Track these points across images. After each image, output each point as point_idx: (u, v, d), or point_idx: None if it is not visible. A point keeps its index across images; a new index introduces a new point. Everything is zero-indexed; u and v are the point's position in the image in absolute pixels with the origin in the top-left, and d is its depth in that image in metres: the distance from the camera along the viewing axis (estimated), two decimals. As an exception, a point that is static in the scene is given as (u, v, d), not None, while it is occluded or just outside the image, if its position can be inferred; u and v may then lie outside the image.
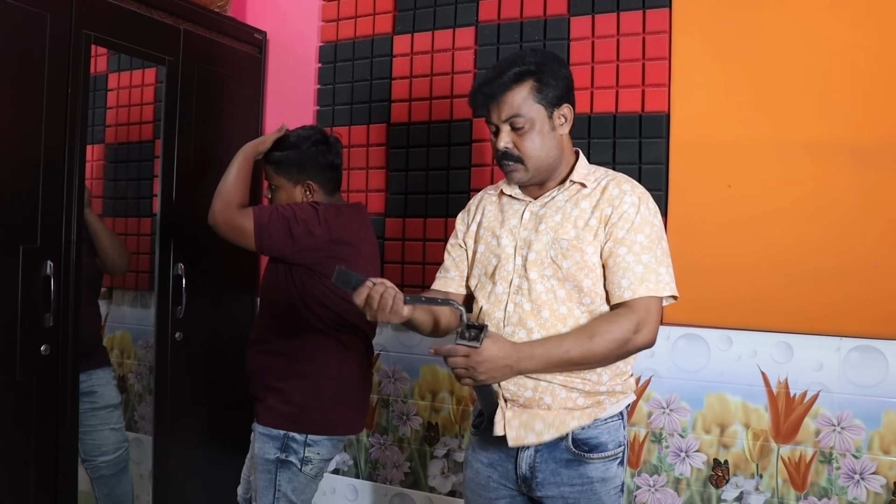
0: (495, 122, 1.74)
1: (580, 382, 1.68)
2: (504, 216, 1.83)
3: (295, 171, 2.29)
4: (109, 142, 3.08)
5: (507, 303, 1.72)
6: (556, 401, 1.68)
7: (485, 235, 1.83)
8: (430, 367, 2.85)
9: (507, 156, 1.73)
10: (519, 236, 1.76)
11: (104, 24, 2.40)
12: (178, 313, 2.72)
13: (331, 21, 3.06)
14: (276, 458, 2.22)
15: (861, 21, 2.25)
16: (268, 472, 2.22)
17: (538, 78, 1.71)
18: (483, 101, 1.74)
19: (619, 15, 2.53)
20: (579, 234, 1.69)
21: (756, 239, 2.34)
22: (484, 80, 1.74)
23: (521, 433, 1.70)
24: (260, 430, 2.25)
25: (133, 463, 2.84)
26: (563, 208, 1.74)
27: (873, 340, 2.25)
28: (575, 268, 1.67)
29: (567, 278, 1.68)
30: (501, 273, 1.75)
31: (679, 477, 2.48)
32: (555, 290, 1.69)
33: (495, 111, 1.72)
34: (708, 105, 2.41)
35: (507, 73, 1.71)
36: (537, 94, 1.71)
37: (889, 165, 2.20)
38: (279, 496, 2.21)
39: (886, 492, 2.24)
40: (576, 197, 1.75)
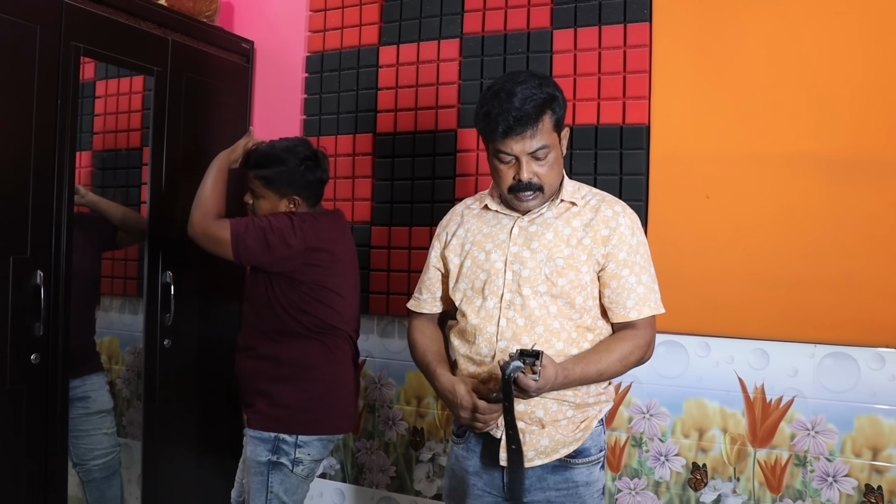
0: (516, 154, 1.70)
1: (571, 395, 1.73)
2: (492, 230, 1.83)
3: (284, 187, 2.35)
4: (97, 149, 3.08)
5: (500, 318, 1.74)
6: (547, 414, 1.72)
7: (472, 250, 1.83)
8: (415, 372, 2.88)
9: (530, 186, 1.72)
10: (509, 251, 1.77)
11: (93, 36, 2.42)
12: (167, 320, 2.74)
13: (318, 31, 3.10)
14: (267, 460, 2.27)
15: (835, 38, 2.31)
16: (260, 475, 2.27)
17: (553, 106, 1.72)
18: (507, 134, 1.68)
19: (601, 28, 2.58)
20: (573, 253, 1.73)
21: (733, 248, 2.40)
22: (505, 110, 1.67)
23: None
24: (251, 433, 2.30)
25: (122, 468, 2.86)
26: (553, 225, 1.77)
27: (846, 347, 2.31)
28: (569, 286, 1.72)
29: (560, 295, 1.72)
30: (491, 288, 1.76)
31: (659, 480, 2.53)
32: (547, 306, 1.72)
33: (520, 143, 1.68)
34: (687, 118, 2.47)
35: (533, 102, 1.67)
36: (553, 121, 1.72)
37: (861, 177, 2.27)
38: (271, 497, 2.26)
39: (858, 494, 2.31)
40: (565, 215, 1.78)
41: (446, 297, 1.92)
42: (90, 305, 2.85)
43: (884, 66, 2.26)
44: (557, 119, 1.74)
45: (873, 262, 2.25)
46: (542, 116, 1.69)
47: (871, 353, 2.29)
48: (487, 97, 1.73)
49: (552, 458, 1.74)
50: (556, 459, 1.75)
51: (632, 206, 1.87)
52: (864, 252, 2.26)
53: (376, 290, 2.91)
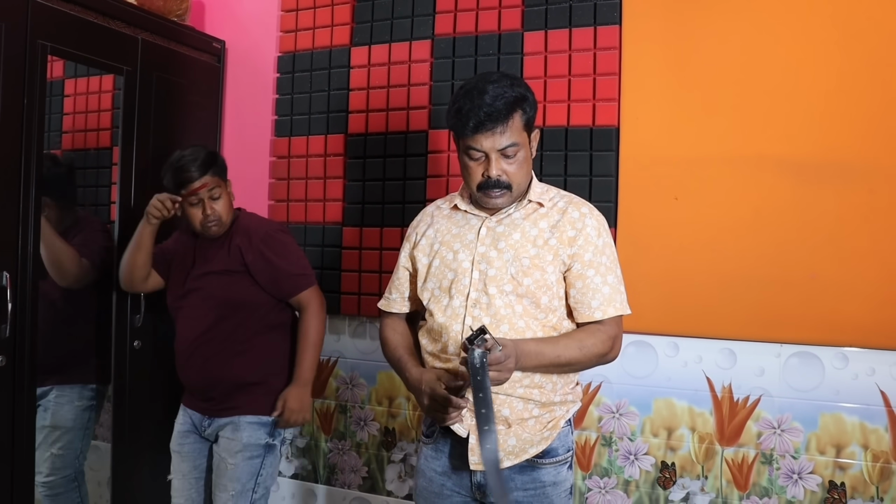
0: (486, 150, 1.71)
1: (537, 393, 1.74)
2: (460, 230, 1.85)
3: (226, 169, 2.47)
4: (66, 148, 3.05)
5: (465, 316, 1.75)
6: (513, 412, 1.73)
7: (440, 250, 1.85)
8: (386, 373, 2.89)
9: (498, 183, 1.73)
10: (476, 251, 1.78)
11: (61, 34, 2.40)
12: (137, 322, 2.73)
13: (289, 32, 3.09)
14: (265, 443, 2.38)
15: (803, 43, 2.34)
16: (255, 458, 2.35)
17: (524, 105, 1.74)
18: (478, 129, 1.69)
19: (572, 31, 2.60)
20: (539, 253, 1.74)
21: (702, 250, 2.42)
22: (476, 106, 1.68)
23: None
24: (248, 420, 2.36)
25: (91, 470, 2.82)
26: (521, 226, 1.78)
27: (811, 347, 2.35)
28: (535, 285, 1.73)
29: (525, 295, 1.73)
30: (458, 287, 1.78)
31: (628, 479, 2.56)
32: (513, 305, 1.73)
33: (489, 140, 1.70)
34: (656, 120, 2.49)
35: (503, 99, 1.69)
36: (524, 120, 1.74)
37: (827, 180, 2.30)
38: (258, 484, 2.37)
39: (822, 490, 2.34)
40: (533, 216, 1.80)
41: (415, 296, 1.93)
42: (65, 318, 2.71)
43: (850, 70, 2.30)
44: (528, 119, 1.75)
45: (838, 264, 2.29)
46: (512, 114, 1.71)
47: (835, 352, 2.33)
48: (460, 95, 1.74)
49: (521, 458, 1.76)
50: (525, 460, 1.76)
51: (601, 208, 1.88)
52: (829, 253, 2.30)
53: (347, 290, 2.91)
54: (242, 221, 2.45)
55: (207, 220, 2.35)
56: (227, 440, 2.36)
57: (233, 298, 2.37)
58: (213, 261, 2.39)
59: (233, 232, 2.41)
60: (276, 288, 2.40)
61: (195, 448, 2.45)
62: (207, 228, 2.37)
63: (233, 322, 2.37)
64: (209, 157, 2.38)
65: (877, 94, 2.27)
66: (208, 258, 2.40)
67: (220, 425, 2.38)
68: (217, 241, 2.41)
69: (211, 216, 2.35)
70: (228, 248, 2.38)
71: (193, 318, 2.39)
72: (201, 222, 2.36)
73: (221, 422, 2.38)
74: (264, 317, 2.41)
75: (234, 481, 2.33)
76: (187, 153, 2.37)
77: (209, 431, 2.41)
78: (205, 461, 2.46)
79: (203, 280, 2.39)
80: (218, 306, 2.37)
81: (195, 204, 2.35)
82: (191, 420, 2.45)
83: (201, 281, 2.39)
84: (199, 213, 2.36)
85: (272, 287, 2.39)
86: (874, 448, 2.30)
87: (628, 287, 1.85)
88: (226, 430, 2.38)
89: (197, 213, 2.36)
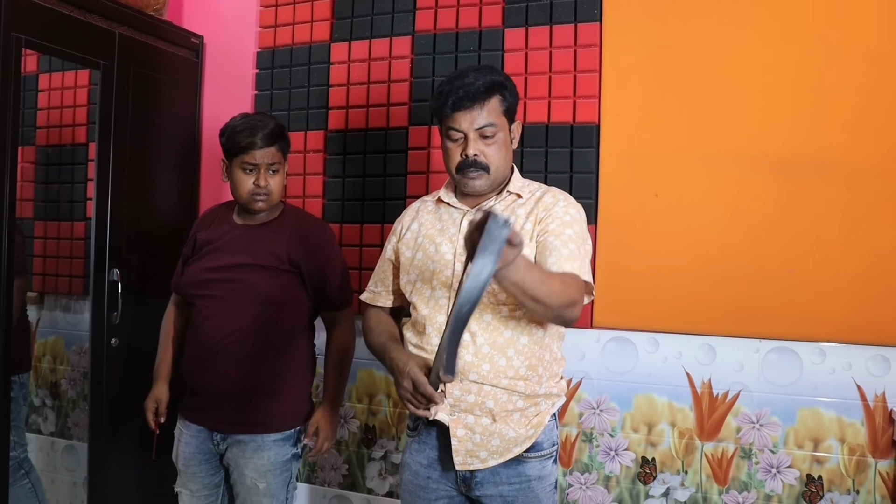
0: (464, 130, 1.75)
1: (522, 385, 1.74)
2: (442, 224, 1.87)
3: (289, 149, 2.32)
4: (41, 143, 3.02)
5: (449, 307, 1.76)
6: (497, 404, 1.73)
7: (423, 243, 1.86)
8: (367, 370, 2.88)
9: (475, 163, 1.75)
10: (458, 243, 1.79)
11: (36, 28, 2.36)
12: (114, 319, 2.69)
13: (268, 27, 3.07)
14: (292, 455, 2.24)
15: (781, 41, 2.37)
16: (285, 472, 2.21)
17: (503, 92, 1.78)
18: (456, 107, 1.74)
19: (552, 28, 2.60)
20: None
21: (681, 246, 2.44)
22: (456, 86, 1.74)
23: (468, 460, 1.76)
24: (272, 437, 2.18)
25: (67, 470, 2.80)
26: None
27: (789, 342, 2.38)
28: None
29: None
30: (440, 278, 1.79)
31: (609, 475, 2.57)
32: (496, 293, 1.74)
33: (467, 118, 1.74)
34: (636, 116, 2.50)
35: (480, 81, 1.74)
36: (503, 106, 1.78)
37: (804, 177, 2.33)
38: (290, 487, 2.25)
39: (800, 483, 2.37)
40: (512, 206, 1.82)
41: (398, 290, 1.95)
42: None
43: (828, 67, 2.32)
44: (508, 106, 1.79)
45: (815, 259, 2.31)
46: (490, 96, 1.75)
47: (812, 347, 2.35)
48: (443, 83, 1.80)
49: (506, 457, 1.76)
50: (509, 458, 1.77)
51: (582, 204, 1.88)
52: (807, 249, 2.33)
53: (328, 287, 2.89)
54: (294, 215, 2.29)
55: (258, 192, 2.16)
56: (252, 461, 2.16)
57: (276, 296, 2.17)
58: (257, 252, 2.17)
59: (282, 223, 2.24)
60: (319, 295, 2.25)
61: (203, 468, 2.24)
62: (254, 201, 2.17)
63: (271, 322, 2.17)
64: (279, 129, 2.20)
65: (853, 91, 2.30)
66: (249, 249, 2.19)
67: (240, 442, 2.17)
68: (262, 230, 2.22)
69: (263, 189, 2.16)
70: (277, 241, 2.19)
71: (224, 312, 2.16)
72: (250, 192, 2.16)
73: (240, 438, 2.17)
74: (300, 319, 2.25)
75: (269, 497, 2.18)
76: (257, 117, 2.20)
77: (223, 446, 2.20)
78: (216, 478, 2.27)
79: (240, 272, 2.17)
80: (259, 303, 2.16)
81: (249, 171, 2.16)
82: (196, 438, 2.22)
83: (238, 272, 2.17)
84: (251, 182, 2.15)
85: (314, 292, 2.24)
86: (851, 442, 2.33)
87: (609, 282, 1.88)
88: (247, 449, 2.17)
89: (248, 181, 2.16)
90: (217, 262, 2.21)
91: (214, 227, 2.29)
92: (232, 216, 2.29)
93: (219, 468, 2.26)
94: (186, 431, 2.24)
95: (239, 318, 2.15)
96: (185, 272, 2.28)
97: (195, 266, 2.25)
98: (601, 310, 2.50)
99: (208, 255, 2.23)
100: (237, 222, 2.27)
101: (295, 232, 2.22)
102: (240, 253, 2.19)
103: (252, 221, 2.25)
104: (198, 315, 2.21)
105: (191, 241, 2.31)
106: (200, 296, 2.21)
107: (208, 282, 2.20)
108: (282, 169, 2.22)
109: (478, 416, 1.74)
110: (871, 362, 2.31)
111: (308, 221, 2.30)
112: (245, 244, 2.20)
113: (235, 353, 2.14)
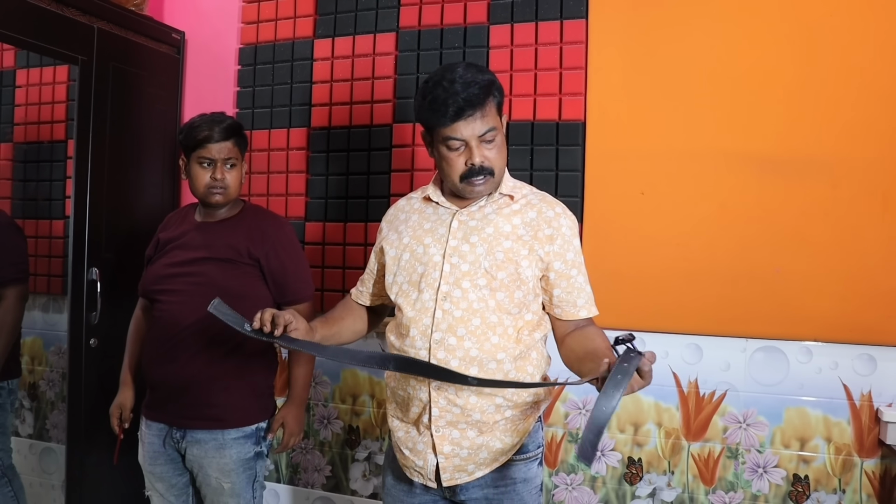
0: (466, 138, 1.68)
1: (510, 392, 1.71)
2: (431, 225, 1.81)
3: (247, 146, 2.31)
4: (18, 141, 2.97)
5: (435, 309, 1.71)
6: (484, 416, 1.70)
7: (410, 243, 1.81)
8: (350, 370, 2.85)
9: (482, 170, 1.70)
10: (448, 244, 1.75)
11: (12, 21, 2.32)
12: (93, 319, 2.65)
13: (251, 23, 3.03)
14: (254, 453, 2.20)
15: (767, 39, 2.36)
16: (248, 470, 2.19)
17: (493, 91, 1.71)
18: (458, 116, 1.66)
19: (538, 25, 2.58)
20: (514, 247, 1.71)
21: (667, 244, 2.43)
22: (452, 93, 1.66)
23: (456, 475, 1.73)
24: (232, 434, 2.15)
25: (45, 473, 2.75)
26: (493, 220, 1.75)
27: (776, 341, 2.37)
28: (509, 279, 1.70)
29: (500, 289, 1.69)
30: (428, 280, 1.74)
31: (595, 475, 2.55)
32: (486, 299, 1.70)
33: (469, 127, 1.67)
34: (622, 114, 2.49)
35: (477, 85, 1.67)
36: (496, 105, 1.72)
37: (790, 176, 2.32)
38: (256, 486, 2.22)
39: (787, 483, 2.36)
40: (505, 210, 1.77)
41: (378, 292, 1.94)
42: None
43: (814, 66, 2.32)
44: (499, 103, 1.74)
45: (802, 258, 2.31)
46: (487, 99, 1.69)
47: (799, 346, 2.35)
48: (429, 87, 1.70)
49: (491, 467, 1.74)
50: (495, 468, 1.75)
51: (568, 202, 1.87)
52: (794, 248, 2.32)
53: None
54: (254, 213, 2.29)
55: (214, 186, 2.17)
56: (215, 460, 2.14)
57: (236, 289, 2.13)
58: (216, 246, 2.18)
59: (242, 219, 2.24)
60: (278, 289, 2.23)
61: (169, 468, 2.22)
62: (210, 195, 2.18)
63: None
64: (235, 125, 2.22)
65: (839, 90, 2.30)
66: (209, 243, 2.19)
67: (200, 440, 2.15)
68: (221, 226, 2.22)
69: (220, 182, 2.17)
70: (236, 236, 2.19)
71: (182, 305, 2.15)
72: (206, 186, 2.17)
73: (200, 436, 2.15)
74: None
75: (234, 497, 2.17)
76: (215, 115, 2.22)
77: (183, 444, 2.17)
78: (183, 478, 2.25)
79: (199, 265, 2.17)
80: (215, 295, 2.06)
81: (206, 166, 2.17)
82: (158, 437, 2.20)
83: (197, 266, 2.17)
84: (207, 176, 2.17)
85: (274, 287, 2.23)
86: (837, 441, 2.33)
87: (594, 281, 1.84)
88: (208, 447, 2.15)
89: (205, 175, 2.17)
90: (177, 258, 2.21)
91: (176, 227, 2.30)
92: (193, 216, 2.30)
93: (184, 469, 2.24)
94: (148, 431, 2.23)
95: (197, 311, 2.08)
96: (147, 271, 2.29)
97: (156, 264, 2.26)
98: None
99: (169, 252, 2.24)
100: (198, 220, 2.27)
101: (254, 227, 2.23)
102: (199, 248, 2.20)
103: (212, 219, 2.25)
104: (157, 311, 2.21)
105: (154, 241, 2.33)
106: (160, 291, 2.21)
107: (168, 277, 2.20)
108: (239, 165, 2.23)
109: (463, 429, 1.70)
110: (858, 361, 2.31)
111: (267, 217, 2.31)
112: (204, 239, 2.21)
113: (192, 345, 2.13)
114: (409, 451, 1.77)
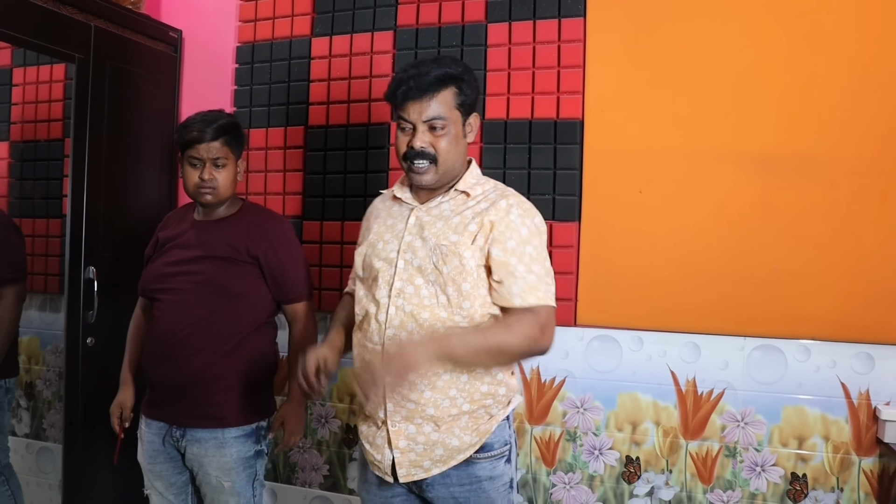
0: (413, 121, 1.72)
1: (462, 384, 1.71)
2: (394, 221, 1.83)
3: (242, 145, 2.29)
4: (15, 139, 2.97)
5: (389, 306, 1.72)
6: (438, 410, 1.69)
7: (373, 239, 1.84)
8: (348, 369, 2.85)
9: (422, 154, 1.72)
10: (403, 241, 1.76)
11: (9, 19, 2.31)
12: (90, 318, 2.64)
13: (248, 21, 3.02)
14: (254, 451, 2.20)
15: (766, 38, 2.36)
16: (248, 469, 2.18)
17: (459, 84, 1.74)
18: (406, 97, 1.71)
19: (536, 23, 2.58)
20: (459, 240, 1.71)
21: (665, 243, 2.42)
22: (409, 75, 1.72)
23: (412, 471, 1.73)
24: (232, 433, 2.15)
25: (42, 472, 2.75)
26: (447, 216, 1.76)
27: (774, 340, 2.37)
28: (454, 272, 1.69)
29: (448, 283, 1.69)
30: (384, 276, 1.75)
31: (593, 474, 2.55)
32: (437, 295, 1.70)
33: (416, 109, 1.71)
34: (620, 113, 2.48)
35: (434, 73, 1.71)
36: (457, 99, 1.74)
37: (788, 175, 2.32)
38: (256, 485, 2.21)
39: (784, 482, 2.36)
40: (461, 206, 1.77)
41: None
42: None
43: (812, 66, 2.32)
44: (463, 101, 1.75)
45: (800, 257, 2.31)
46: (442, 88, 1.72)
47: (797, 345, 2.35)
48: (400, 69, 1.80)
49: (448, 465, 1.73)
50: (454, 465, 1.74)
51: (566, 201, 1.86)
52: (792, 246, 2.32)
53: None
54: (252, 211, 2.29)
55: (202, 185, 2.15)
56: (215, 458, 2.14)
57: (235, 288, 2.16)
58: (215, 245, 2.17)
59: (240, 218, 2.24)
60: (277, 288, 2.22)
61: (168, 467, 2.21)
62: (200, 194, 2.17)
63: (230, 314, 2.15)
64: (228, 125, 2.20)
65: (837, 89, 2.30)
66: (207, 242, 2.18)
67: (200, 439, 2.14)
68: (220, 225, 2.22)
69: (208, 182, 2.15)
70: (235, 234, 2.18)
71: (181, 304, 2.15)
72: (195, 185, 2.16)
73: (200, 434, 2.13)
74: (260, 312, 2.21)
75: (234, 495, 2.17)
76: (210, 114, 2.21)
77: (183, 443, 2.16)
78: (182, 477, 2.24)
79: (198, 264, 2.16)
80: (217, 295, 2.14)
81: (195, 165, 2.16)
82: (158, 435, 2.19)
83: (196, 265, 2.16)
84: (197, 175, 2.15)
85: (273, 285, 2.22)
86: (835, 439, 2.33)
87: (592, 280, 1.84)
88: (208, 446, 2.14)
89: (194, 174, 2.16)
90: (176, 257, 2.21)
91: (175, 226, 2.29)
92: (192, 215, 2.29)
93: (184, 468, 2.23)
94: (148, 430, 2.22)
95: (196, 310, 2.13)
96: (146, 270, 2.28)
97: (156, 263, 2.25)
98: (585, 308, 2.48)
99: (168, 251, 2.24)
100: (196, 219, 2.27)
101: (253, 225, 2.22)
102: (197, 247, 2.19)
103: (211, 217, 2.25)
104: (157, 310, 2.20)
105: (153, 241, 2.33)
106: (160, 290, 2.20)
107: (167, 276, 2.19)
108: (231, 164, 2.21)
109: (419, 424, 1.70)
110: (856, 360, 2.31)
111: (266, 215, 2.31)
112: (203, 238, 2.20)
113: (192, 344, 2.13)
114: (369, 445, 1.79)
